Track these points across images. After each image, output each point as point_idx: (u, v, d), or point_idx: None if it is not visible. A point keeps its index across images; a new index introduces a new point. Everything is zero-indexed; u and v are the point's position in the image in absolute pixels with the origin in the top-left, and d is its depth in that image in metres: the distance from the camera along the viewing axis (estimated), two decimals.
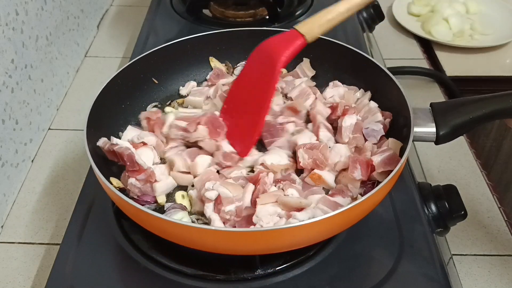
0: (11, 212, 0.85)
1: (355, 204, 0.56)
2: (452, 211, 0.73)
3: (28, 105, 0.92)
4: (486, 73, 1.22)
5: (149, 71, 0.83)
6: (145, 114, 0.76)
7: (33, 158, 0.94)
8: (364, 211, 0.61)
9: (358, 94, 0.81)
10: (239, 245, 0.58)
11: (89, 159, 0.62)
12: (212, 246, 0.59)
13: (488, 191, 0.89)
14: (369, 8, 1.22)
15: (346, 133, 0.73)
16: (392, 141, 0.69)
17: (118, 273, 0.66)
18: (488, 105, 0.66)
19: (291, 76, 0.86)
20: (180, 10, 1.18)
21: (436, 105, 0.69)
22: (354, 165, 0.67)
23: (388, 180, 0.59)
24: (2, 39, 0.84)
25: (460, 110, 0.67)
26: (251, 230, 0.58)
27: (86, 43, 1.22)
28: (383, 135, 0.73)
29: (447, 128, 0.66)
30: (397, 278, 0.63)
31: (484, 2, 1.42)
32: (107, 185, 0.60)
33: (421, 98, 1.11)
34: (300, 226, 0.55)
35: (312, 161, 0.69)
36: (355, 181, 0.67)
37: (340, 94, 0.81)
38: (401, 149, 0.68)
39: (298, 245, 0.60)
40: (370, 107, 0.76)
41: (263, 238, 0.56)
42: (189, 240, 0.59)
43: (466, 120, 0.66)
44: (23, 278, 0.75)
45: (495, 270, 0.76)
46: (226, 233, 0.56)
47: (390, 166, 0.65)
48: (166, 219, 0.56)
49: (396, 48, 1.28)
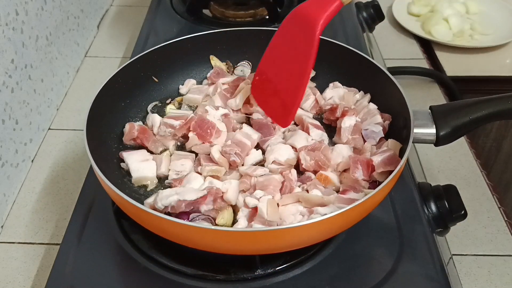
0: (11, 212, 0.85)
1: (355, 205, 0.56)
2: (452, 211, 0.73)
3: (28, 105, 0.92)
4: (486, 73, 1.22)
5: (149, 69, 0.83)
6: (127, 136, 0.75)
7: (33, 158, 0.94)
8: (364, 211, 0.61)
9: (358, 96, 0.81)
10: (239, 245, 0.58)
11: (89, 158, 0.62)
12: (212, 245, 0.59)
13: (488, 191, 0.89)
14: (369, 8, 1.22)
15: (345, 134, 0.73)
16: (392, 142, 0.70)
17: (118, 273, 0.66)
18: (488, 107, 0.66)
19: None
20: (180, 10, 1.18)
21: (436, 107, 0.69)
22: (356, 165, 0.67)
23: (388, 180, 0.59)
24: (2, 39, 0.84)
25: (459, 111, 0.67)
26: (251, 230, 0.58)
27: (86, 43, 1.22)
28: (382, 137, 0.73)
29: (447, 129, 0.67)
30: (397, 278, 0.63)
31: (484, 2, 1.42)
32: (107, 184, 0.60)
33: (421, 98, 1.11)
34: (301, 227, 0.55)
35: (314, 163, 0.69)
36: (358, 181, 0.67)
37: (339, 95, 0.81)
38: (401, 150, 0.68)
39: (299, 245, 0.60)
40: (370, 109, 0.76)
41: (264, 238, 0.56)
42: (190, 240, 0.59)
43: (465, 121, 0.67)
44: (23, 278, 0.75)
45: (495, 270, 0.76)
46: (227, 233, 0.56)
47: (390, 166, 0.66)
48: (166, 218, 0.56)
49: (396, 48, 1.28)
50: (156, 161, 0.72)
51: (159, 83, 0.85)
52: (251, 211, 0.63)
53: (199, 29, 0.89)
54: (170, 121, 0.75)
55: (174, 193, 0.63)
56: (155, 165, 0.72)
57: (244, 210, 0.64)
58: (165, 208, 0.63)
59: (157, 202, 0.63)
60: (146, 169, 0.71)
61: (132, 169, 0.71)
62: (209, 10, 1.19)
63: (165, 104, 0.84)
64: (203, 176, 0.69)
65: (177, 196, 0.63)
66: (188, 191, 0.64)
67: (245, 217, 0.63)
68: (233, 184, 0.67)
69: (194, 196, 0.63)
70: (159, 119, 0.77)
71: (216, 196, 0.64)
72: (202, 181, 0.68)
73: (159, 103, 0.84)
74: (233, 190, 0.66)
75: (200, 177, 0.69)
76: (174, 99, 0.85)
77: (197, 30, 0.88)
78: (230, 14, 1.16)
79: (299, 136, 0.73)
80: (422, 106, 1.08)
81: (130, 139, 0.75)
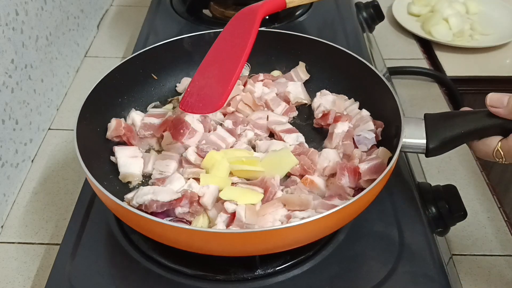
0: (11, 212, 0.85)
1: (333, 211, 0.55)
2: (452, 211, 0.73)
3: (28, 105, 0.92)
4: (486, 73, 1.22)
5: (149, 66, 0.83)
6: (112, 133, 0.74)
7: (33, 158, 0.94)
8: (344, 218, 0.60)
9: (348, 102, 0.80)
10: (234, 246, 0.58)
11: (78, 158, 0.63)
12: (202, 247, 0.58)
13: (488, 191, 0.89)
14: (369, 8, 1.22)
15: (336, 140, 0.73)
16: (383, 150, 0.69)
17: (118, 273, 0.66)
18: (482, 120, 0.63)
19: (284, 78, 0.86)
20: (180, 10, 1.18)
21: (430, 116, 0.67)
22: (342, 172, 0.67)
23: (369, 189, 0.58)
24: (2, 39, 0.84)
25: (452, 123, 0.65)
26: (244, 231, 0.58)
27: (86, 43, 1.22)
28: (374, 144, 0.73)
29: (437, 141, 0.65)
30: (397, 278, 0.63)
31: (484, 2, 1.42)
32: (88, 176, 0.61)
33: (421, 98, 1.11)
34: (278, 230, 0.55)
35: (300, 167, 0.69)
36: (343, 188, 0.66)
37: (328, 101, 0.80)
38: (390, 159, 0.67)
39: (275, 249, 0.60)
40: (362, 116, 0.76)
41: (257, 238, 0.56)
42: (184, 243, 0.59)
43: (458, 134, 0.64)
44: (23, 278, 0.75)
45: (495, 270, 0.76)
46: (222, 234, 0.57)
47: (376, 174, 0.65)
48: (156, 220, 0.56)
49: (396, 48, 1.28)
50: (144, 159, 0.72)
51: (158, 81, 0.85)
52: (229, 217, 0.62)
53: (199, 29, 0.89)
54: (150, 120, 0.76)
55: (151, 191, 0.63)
56: (142, 163, 0.72)
57: (222, 215, 0.63)
58: (139, 206, 0.63)
59: (133, 198, 0.63)
60: (133, 166, 0.71)
61: (120, 164, 0.71)
62: (209, 10, 1.19)
63: (165, 103, 0.84)
64: (184, 178, 0.69)
65: (151, 195, 0.62)
66: (163, 191, 0.63)
67: (223, 222, 0.62)
68: (211, 188, 0.65)
69: (167, 197, 0.62)
70: (140, 118, 0.77)
71: (192, 200, 0.63)
72: (184, 182, 0.67)
73: (159, 103, 0.84)
74: (210, 195, 0.65)
75: (182, 179, 0.68)
76: (173, 99, 0.85)
77: (197, 30, 0.88)
78: (230, 14, 1.16)
79: (276, 145, 0.73)
80: (422, 106, 1.09)
81: (115, 136, 0.74)
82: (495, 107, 0.62)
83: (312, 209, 0.63)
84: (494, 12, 1.40)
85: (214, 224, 0.63)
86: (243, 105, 0.81)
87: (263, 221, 0.62)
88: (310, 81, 0.86)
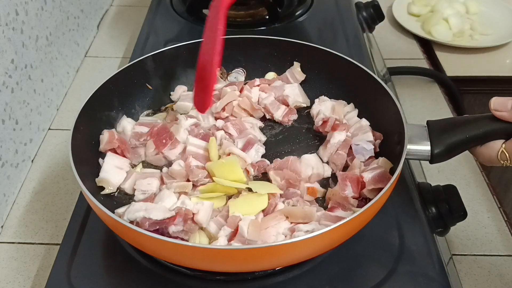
0: (11, 212, 0.85)
1: (340, 224, 0.54)
2: (452, 211, 0.73)
3: (28, 105, 0.92)
4: (486, 73, 1.22)
5: (143, 76, 0.82)
6: (106, 146, 0.72)
7: (33, 158, 0.94)
8: (351, 230, 0.59)
9: (348, 108, 0.80)
10: (235, 262, 0.57)
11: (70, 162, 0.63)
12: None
13: (488, 191, 0.89)
14: (369, 8, 1.22)
15: (331, 149, 0.72)
16: (383, 160, 0.68)
17: (118, 273, 0.66)
18: (486, 125, 0.63)
19: (280, 81, 0.85)
20: (180, 10, 1.18)
21: (432, 122, 0.67)
22: (344, 183, 0.66)
23: (378, 198, 0.58)
24: (2, 39, 0.84)
25: (456, 128, 0.65)
26: (244, 248, 0.56)
27: (86, 43, 1.22)
28: (372, 156, 0.72)
29: (442, 146, 0.64)
30: (397, 278, 0.63)
31: (484, 2, 1.42)
32: (80, 184, 0.60)
33: (421, 98, 1.11)
34: (282, 245, 0.53)
35: (285, 182, 0.68)
36: (347, 198, 0.65)
37: (327, 107, 0.79)
38: (392, 169, 0.67)
39: (280, 265, 0.60)
40: (362, 125, 0.75)
41: (256, 255, 0.55)
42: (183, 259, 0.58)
43: (462, 139, 0.64)
44: (23, 278, 0.75)
45: (495, 270, 0.76)
46: (222, 251, 0.55)
47: (381, 183, 0.64)
48: (151, 236, 0.54)
49: (396, 48, 1.28)
50: (127, 174, 0.71)
51: (153, 90, 0.83)
52: (232, 231, 0.61)
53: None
54: (141, 129, 0.75)
55: (144, 208, 0.61)
56: (124, 177, 0.70)
57: (226, 229, 0.61)
58: (131, 222, 0.60)
59: (124, 214, 0.61)
60: (114, 175, 0.69)
61: (103, 168, 0.69)
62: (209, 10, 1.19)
63: (158, 111, 0.83)
64: (174, 193, 0.66)
65: (143, 212, 0.60)
66: (156, 209, 0.60)
67: (226, 236, 0.61)
68: (206, 205, 0.63)
69: (160, 215, 0.59)
70: (131, 126, 0.76)
71: (186, 217, 0.60)
72: (176, 199, 0.65)
73: (152, 111, 0.83)
74: (205, 212, 0.62)
75: (173, 196, 0.65)
76: (167, 106, 0.83)
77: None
78: (230, 14, 1.15)
79: (250, 153, 0.72)
80: (422, 106, 1.09)
81: (109, 149, 0.72)
82: (499, 111, 0.62)
83: (315, 221, 0.62)
84: (494, 12, 1.40)
85: (215, 239, 0.61)
86: (239, 109, 0.80)
87: (266, 235, 0.60)
88: (308, 86, 0.85)
